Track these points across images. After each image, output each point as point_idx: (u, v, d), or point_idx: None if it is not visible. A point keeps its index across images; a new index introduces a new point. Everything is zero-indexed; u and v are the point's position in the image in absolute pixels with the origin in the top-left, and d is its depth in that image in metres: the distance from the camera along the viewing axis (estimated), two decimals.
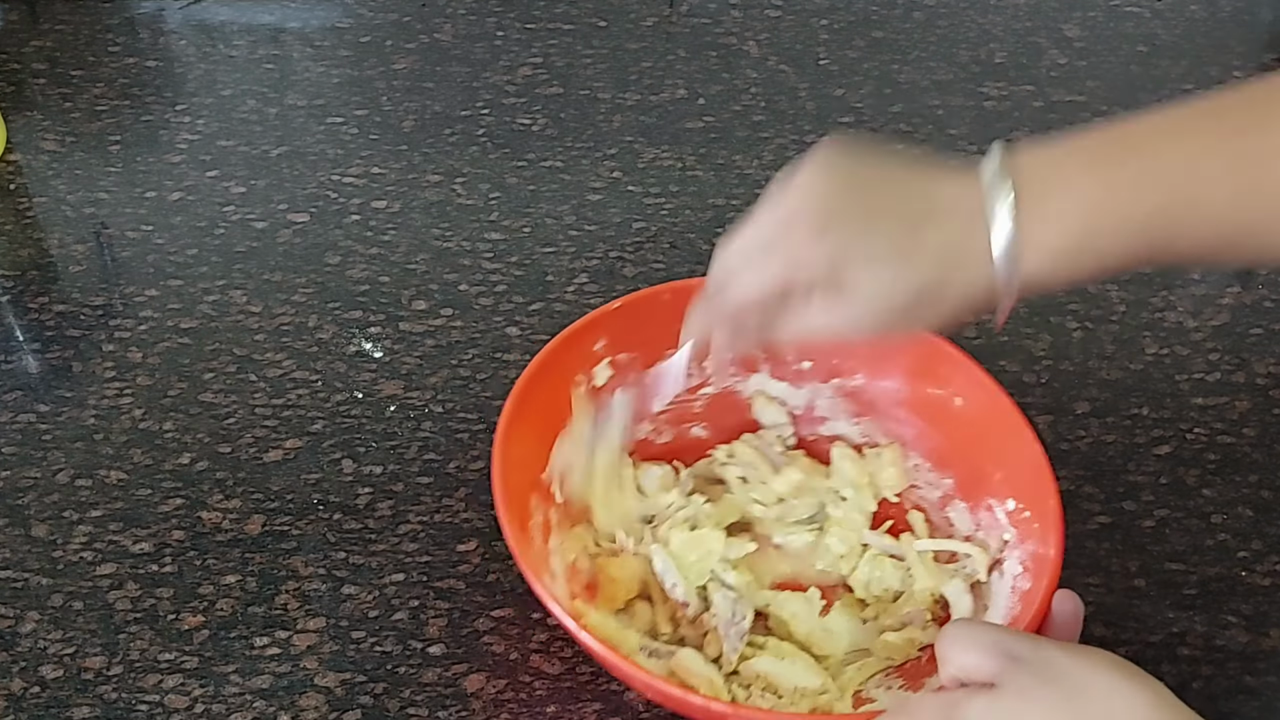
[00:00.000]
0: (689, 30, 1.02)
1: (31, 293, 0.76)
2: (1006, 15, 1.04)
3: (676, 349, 0.62)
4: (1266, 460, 0.68)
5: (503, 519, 0.52)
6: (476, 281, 0.78)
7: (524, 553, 0.52)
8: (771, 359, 0.65)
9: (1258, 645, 0.60)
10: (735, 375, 0.65)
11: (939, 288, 0.47)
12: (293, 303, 0.76)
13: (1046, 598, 0.50)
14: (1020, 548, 0.56)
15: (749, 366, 0.65)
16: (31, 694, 0.56)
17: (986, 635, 0.43)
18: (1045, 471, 0.55)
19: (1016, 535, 0.56)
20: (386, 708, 0.56)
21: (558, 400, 0.61)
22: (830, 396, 0.65)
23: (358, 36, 0.99)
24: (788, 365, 0.65)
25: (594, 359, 0.62)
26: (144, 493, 0.64)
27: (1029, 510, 0.56)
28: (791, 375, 0.65)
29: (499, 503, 0.53)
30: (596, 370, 0.62)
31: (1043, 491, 0.54)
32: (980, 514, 0.59)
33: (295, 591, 0.60)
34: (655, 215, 0.83)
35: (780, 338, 0.51)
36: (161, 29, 0.99)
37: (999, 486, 0.58)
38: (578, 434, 0.61)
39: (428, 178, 0.86)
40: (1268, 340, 0.76)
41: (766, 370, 0.65)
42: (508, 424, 0.56)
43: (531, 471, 0.58)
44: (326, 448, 0.67)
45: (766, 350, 0.62)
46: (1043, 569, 0.52)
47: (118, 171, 0.85)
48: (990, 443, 0.59)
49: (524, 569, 0.51)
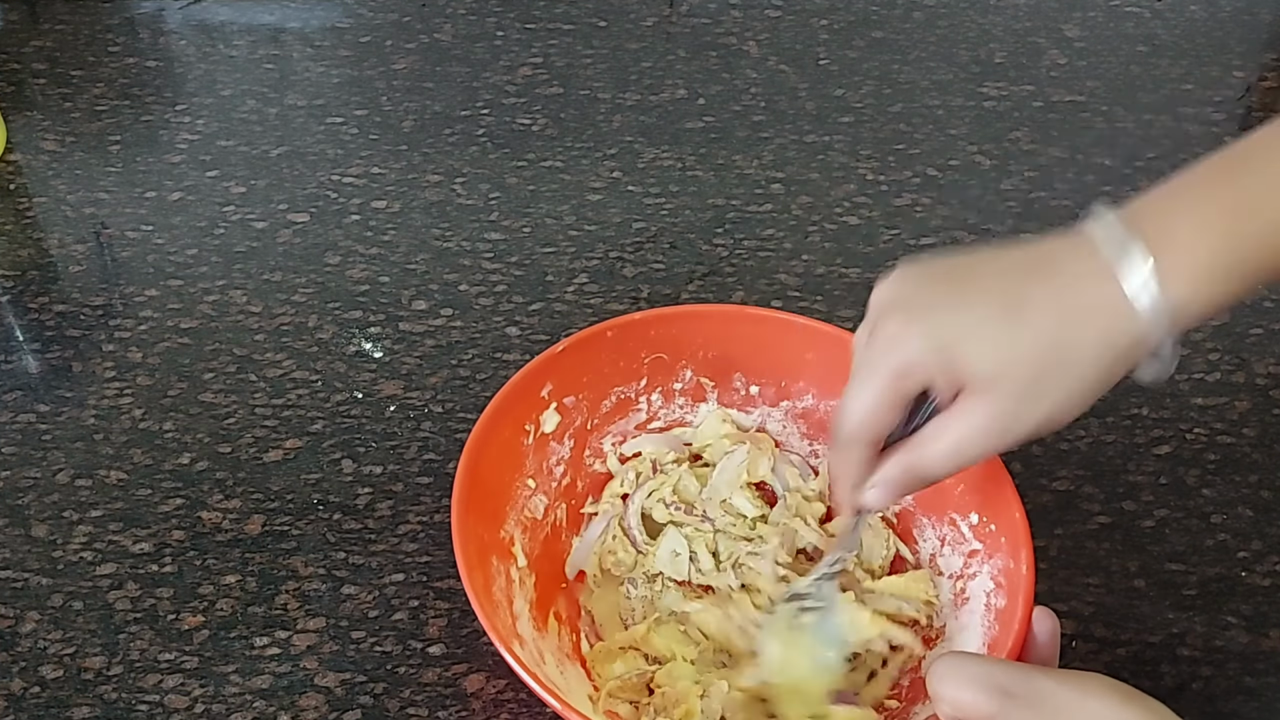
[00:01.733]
0: (689, 30, 1.02)
1: (31, 293, 0.76)
2: (1006, 15, 1.04)
3: (620, 385, 0.62)
4: (1266, 460, 0.68)
5: (470, 588, 0.51)
6: (476, 281, 0.78)
7: (491, 621, 0.50)
8: (720, 385, 0.65)
9: (1258, 646, 0.60)
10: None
11: (1067, 348, 0.44)
12: (293, 303, 0.76)
13: (1025, 616, 0.49)
14: (989, 562, 0.55)
15: (697, 396, 0.65)
16: (31, 694, 0.56)
17: (978, 671, 0.42)
18: (1006, 483, 0.54)
19: (984, 549, 0.56)
20: (386, 708, 0.56)
21: (510, 453, 0.59)
22: (781, 419, 0.65)
23: (358, 36, 0.99)
24: (735, 392, 0.65)
25: (541, 405, 0.61)
26: (144, 493, 0.64)
27: (993, 524, 0.55)
28: (739, 402, 0.65)
29: (465, 571, 0.51)
30: (544, 417, 0.61)
31: (1005, 504, 0.54)
32: (944, 528, 0.59)
33: (295, 591, 0.60)
34: (655, 215, 0.83)
35: (933, 468, 0.47)
36: (161, 29, 0.99)
37: (960, 500, 0.58)
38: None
39: (428, 178, 0.86)
40: (1268, 340, 0.76)
41: (714, 398, 0.65)
42: (464, 492, 0.54)
43: (491, 532, 0.57)
44: (326, 448, 0.67)
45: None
46: (1016, 585, 0.52)
47: (118, 171, 0.85)
48: None
49: (495, 639, 0.49)
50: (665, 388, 0.64)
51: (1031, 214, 0.84)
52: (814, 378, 0.63)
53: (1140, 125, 0.92)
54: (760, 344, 0.63)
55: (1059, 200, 0.85)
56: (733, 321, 0.63)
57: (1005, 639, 0.50)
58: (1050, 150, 0.90)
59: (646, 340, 0.63)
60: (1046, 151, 0.90)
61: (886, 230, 0.82)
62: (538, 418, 0.61)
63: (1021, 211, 0.84)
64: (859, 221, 0.83)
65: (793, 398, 0.64)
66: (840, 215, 0.84)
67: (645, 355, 0.63)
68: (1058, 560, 0.63)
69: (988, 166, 0.88)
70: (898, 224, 0.83)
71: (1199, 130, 0.91)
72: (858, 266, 0.80)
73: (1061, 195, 0.86)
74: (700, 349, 0.64)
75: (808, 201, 0.85)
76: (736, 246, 0.81)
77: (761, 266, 0.79)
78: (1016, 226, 0.83)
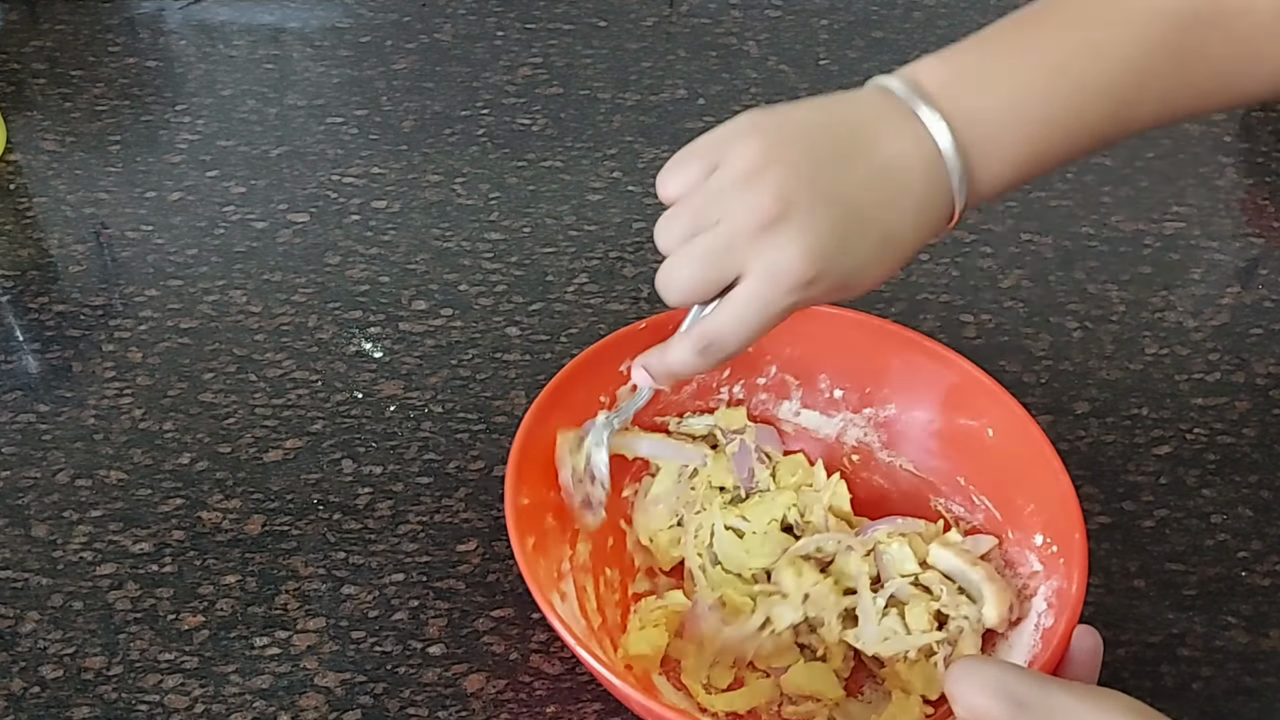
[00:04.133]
0: (689, 30, 1.02)
1: (31, 293, 0.76)
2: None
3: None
4: (1266, 460, 0.68)
5: (517, 544, 0.52)
6: (476, 281, 0.78)
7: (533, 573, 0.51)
8: (805, 385, 0.64)
9: (1258, 646, 0.60)
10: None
11: (864, 206, 0.46)
12: (293, 303, 0.76)
13: (1066, 634, 0.49)
14: (1046, 583, 0.54)
15: (781, 393, 0.64)
16: (31, 694, 0.56)
17: (993, 677, 0.41)
18: (1073, 505, 0.53)
19: (1044, 571, 0.55)
20: (386, 708, 0.56)
21: (578, 420, 0.59)
22: (863, 426, 0.64)
23: (358, 36, 0.99)
24: (820, 394, 0.64)
25: (620, 380, 0.60)
26: (144, 493, 0.64)
27: (1056, 545, 0.54)
28: (823, 404, 0.64)
29: (515, 532, 0.52)
30: (620, 391, 0.60)
31: (1069, 526, 0.53)
32: (1009, 548, 0.58)
33: (295, 591, 0.60)
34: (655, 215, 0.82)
35: (721, 332, 0.48)
36: (161, 29, 0.99)
37: (1029, 520, 0.57)
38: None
39: (428, 178, 0.86)
40: (1268, 340, 0.76)
41: (798, 398, 0.64)
42: (523, 448, 0.54)
43: (542, 493, 0.57)
44: (326, 448, 0.67)
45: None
46: (1064, 605, 0.51)
47: (118, 171, 0.85)
48: (1021, 475, 0.57)
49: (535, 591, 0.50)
50: (749, 380, 0.64)
51: (1031, 214, 0.84)
52: (898, 386, 0.62)
53: None
54: (847, 347, 0.62)
55: (1059, 200, 0.85)
56: (817, 320, 0.61)
57: (1044, 654, 0.50)
58: None
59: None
60: None
61: None
62: (614, 391, 0.60)
63: (1021, 211, 0.84)
64: None
65: (876, 405, 0.63)
66: None
67: None
68: None
69: None
70: None
71: (1199, 130, 0.91)
72: None
73: (1061, 195, 0.86)
74: (786, 345, 0.62)
75: None
76: None
77: None
78: (1016, 226, 0.83)
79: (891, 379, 0.62)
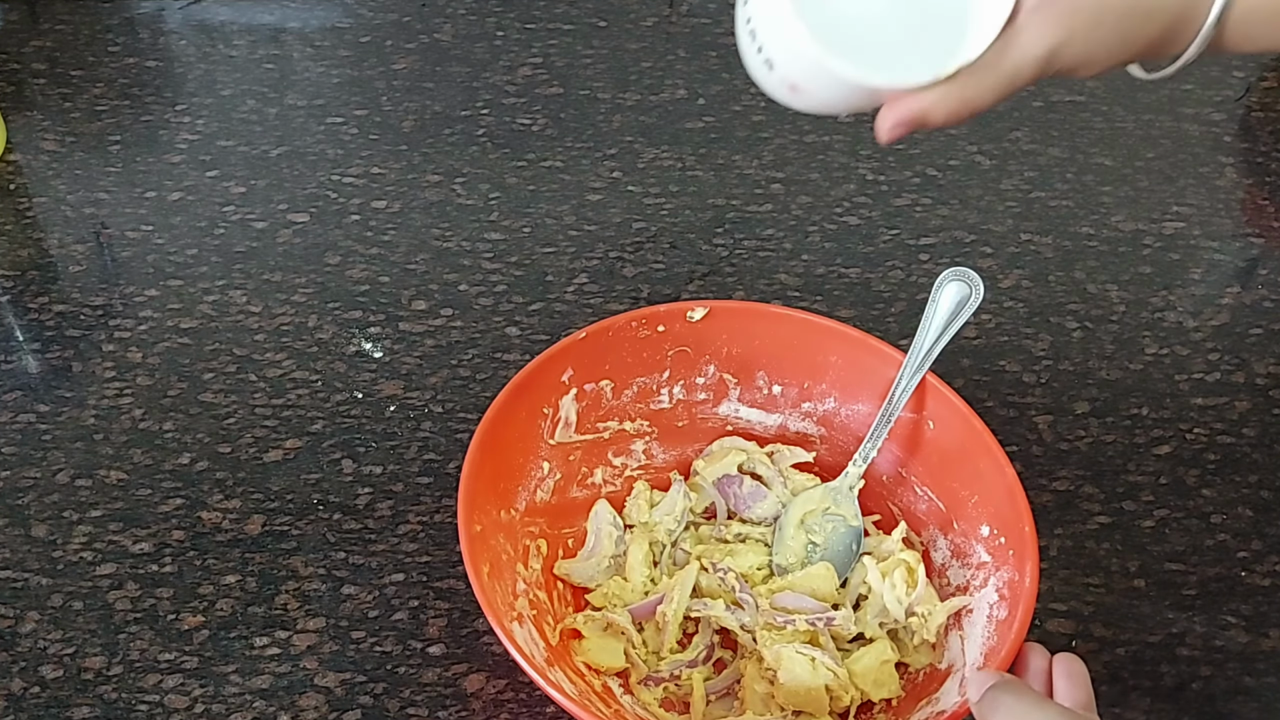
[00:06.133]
0: (689, 30, 1.02)
1: (31, 293, 0.76)
2: None
3: (642, 376, 0.63)
4: (1266, 460, 0.68)
5: (470, 565, 0.52)
6: (476, 281, 0.78)
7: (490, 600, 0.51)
8: (743, 383, 0.65)
9: (1257, 645, 0.60)
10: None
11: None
12: (293, 303, 0.76)
13: (1022, 627, 0.50)
14: (995, 575, 0.55)
15: (720, 392, 0.65)
16: (31, 694, 0.56)
17: (1034, 715, 0.42)
18: (1020, 498, 0.54)
19: (993, 562, 0.56)
20: (386, 708, 0.56)
21: (526, 434, 0.60)
22: (801, 420, 0.65)
23: (358, 36, 0.99)
24: (758, 391, 0.65)
25: (561, 390, 0.61)
26: (144, 493, 0.64)
27: (1004, 536, 0.55)
28: (762, 401, 0.65)
29: (467, 549, 0.52)
30: (563, 401, 0.61)
31: (1017, 518, 0.54)
32: (955, 539, 0.59)
33: (295, 591, 0.60)
34: (655, 215, 0.83)
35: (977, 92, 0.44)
36: (161, 29, 0.99)
37: (973, 511, 0.58)
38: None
39: (428, 178, 0.86)
40: (1268, 340, 0.76)
41: (736, 396, 0.65)
42: (474, 468, 0.55)
43: (501, 509, 0.58)
44: (326, 448, 0.67)
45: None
46: (1018, 597, 0.52)
47: (118, 171, 0.85)
48: (964, 467, 0.58)
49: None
50: (688, 381, 0.64)
51: (1031, 214, 0.84)
52: (836, 381, 0.63)
53: (1140, 125, 0.92)
54: (784, 344, 0.63)
55: (1059, 200, 0.85)
56: (758, 319, 0.63)
57: (1000, 649, 0.51)
58: (1050, 150, 0.90)
59: (671, 333, 0.63)
60: (1046, 151, 0.90)
61: (886, 230, 0.82)
62: (556, 401, 0.61)
63: (1021, 211, 0.84)
64: (859, 221, 0.83)
65: (814, 400, 0.64)
66: (840, 215, 0.84)
67: (669, 348, 0.63)
68: (1058, 560, 0.63)
69: (988, 166, 0.88)
70: (897, 224, 0.83)
71: (1199, 130, 0.91)
72: (857, 266, 0.80)
73: (1061, 195, 0.86)
74: (725, 345, 0.64)
75: (807, 201, 0.85)
76: (736, 246, 0.81)
77: (761, 266, 0.79)
78: (1016, 226, 0.83)
79: (830, 374, 0.63)
